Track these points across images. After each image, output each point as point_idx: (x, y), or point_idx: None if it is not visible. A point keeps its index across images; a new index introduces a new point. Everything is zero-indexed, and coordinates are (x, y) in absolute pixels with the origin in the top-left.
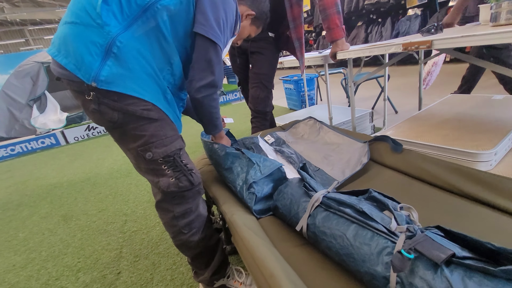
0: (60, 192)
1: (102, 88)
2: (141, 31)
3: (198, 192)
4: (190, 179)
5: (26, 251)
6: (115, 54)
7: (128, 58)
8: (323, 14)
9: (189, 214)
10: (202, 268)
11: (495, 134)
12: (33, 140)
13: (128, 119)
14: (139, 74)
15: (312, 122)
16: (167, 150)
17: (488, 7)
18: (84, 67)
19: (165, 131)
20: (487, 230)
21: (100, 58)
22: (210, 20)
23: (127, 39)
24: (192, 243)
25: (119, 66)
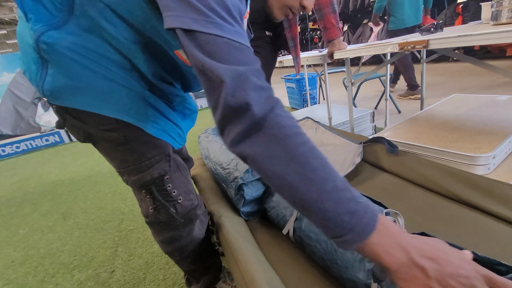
0: (61, 190)
1: (54, 104)
2: (81, 27)
3: (189, 220)
4: (171, 211)
5: (25, 247)
6: (47, 60)
7: (68, 64)
8: (319, 13)
9: (179, 240)
10: (195, 277)
11: (495, 137)
12: (38, 137)
13: (95, 140)
14: (91, 82)
15: (309, 122)
16: (141, 179)
17: (489, 5)
18: (32, 77)
19: (139, 154)
20: (481, 236)
21: (39, 66)
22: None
23: (58, 38)
24: (185, 263)
25: (62, 75)
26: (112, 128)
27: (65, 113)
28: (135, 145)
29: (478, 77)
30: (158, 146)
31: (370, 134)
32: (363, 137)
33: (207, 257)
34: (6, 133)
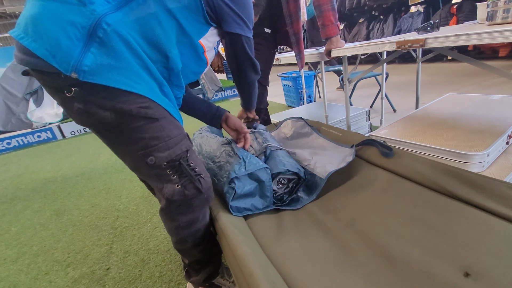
0: (54, 187)
1: (85, 80)
2: (134, 15)
3: (206, 200)
4: (198, 186)
5: (17, 245)
6: (101, 38)
7: (117, 45)
8: (318, 10)
9: (195, 224)
10: (196, 270)
11: (489, 135)
12: (30, 134)
13: (123, 119)
14: (130, 64)
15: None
16: (171, 154)
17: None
18: (61, 53)
19: (168, 131)
20: (476, 231)
21: (81, 43)
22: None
23: (116, 22)
24: (194, 251)
25: (106, 54)
26: (148, 106)
27: (89, 94)
28: (164, 123)
29: (471, 77)
30: (178, 126)
31: (366, 132)
32: (360, 135)
33: (213, 246)
34: None
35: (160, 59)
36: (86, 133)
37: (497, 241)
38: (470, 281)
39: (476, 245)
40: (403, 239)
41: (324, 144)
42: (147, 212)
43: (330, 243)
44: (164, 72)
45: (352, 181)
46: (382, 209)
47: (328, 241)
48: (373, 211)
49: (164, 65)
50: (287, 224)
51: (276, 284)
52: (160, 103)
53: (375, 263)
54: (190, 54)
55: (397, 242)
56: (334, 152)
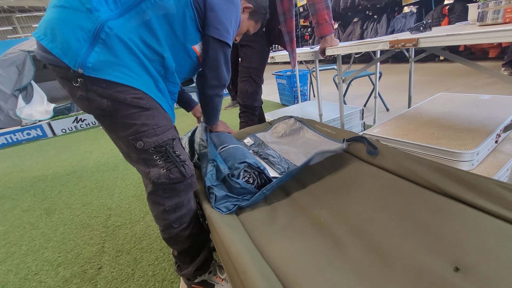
0: (44, 185)
1: (89, 75)
2: (133, 22)
3: (190, 186)
4: (182, 170)
5: (6, 244)
6: (103, 40)
7: (117, 45)
8: (312, 8)
9: (180, 208)
10: (186, 262)
11: (479, 134)
12: (19, 131)
13: (118, 107)
14: (128, 61)
15: (292, 121)
16: (158, 140)
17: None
18: (71, 52)
19: (157, 121)
20: (466, 228)
21: (87, 43)
22: (223, 22)
23: (117, 27)
24: (182, 237)
25: (107, 53)
26: (140, 97)
27: (91, 84)
28: (155, 113)
29: (462, 77)
30: (167, 118)
31: (360, 131)
32: (353, 133)
33: (201, 233)
34: None
35: (157, 58)
36: (78, 130)
37: (486, 237)
38: (460, 276)
39: (466, 241)
40: (395, 235)
41: (316, 139)
42: (140, 211)
43: (323, 239)
44: (161, 70)
45: (346, 178)
46: (375, 206)
47: (321, 237)
48: (366, 208)
49: (161, 64)
50: (281, 220)
51: (270, 280)
52: (152, 96)
53: (367, 259)
54: (184, 57)
55: (389, 238)
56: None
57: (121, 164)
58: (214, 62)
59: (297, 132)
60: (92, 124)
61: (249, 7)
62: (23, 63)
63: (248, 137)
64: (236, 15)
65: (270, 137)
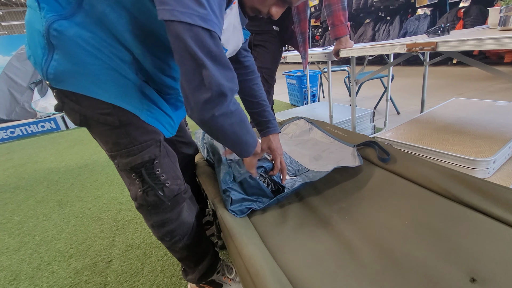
0: (57, 177)
1: (56, 87)
2: (90, 19)
3: (176, 203)
4: (159, 194)
5: (20, 234)
6: (56, 45)
7: (74, 50)
8: (328, 9)
9: (168, 224)
10: (191, 267)
11: (496, 141)
12: (33, 123)
13: (90, 123)
14: (93, 69)
15: (302, 122)
16: (132, 162)
17: (498, 10)
18: (37, 61)
19: (131, 138)
20: (482, 237)
21: (46, 51)
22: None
23: (67, 27)
24: (177, 248)
25: (66, 60)
26: (108, 112)
27: (64, 96)
28: (129, 129)
29: (476, 82)
30: (150, 132)
31: (370, 134)
32: (366, 137)
33: (199, 244)
34: (1, 117)
35: (130, 58)
36: None
37: (504, 247)
38: (476, 287)
39: (482, 251)
40: (409, 241)
41: (326, 141)
42: None
43: (335, 243)
44: (139, 71)
45: (358, 182)
46: (387, 211)
47: (333, 241)
48: (378, 213)
49: (135, 63)
50: (291, 223)
51: (283, 283)
52: (127, 108)
53: (380, 265)
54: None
55: (403, 245)
56: (339, 155)
57: None
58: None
59: (307, 134)
60: None
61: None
62: None
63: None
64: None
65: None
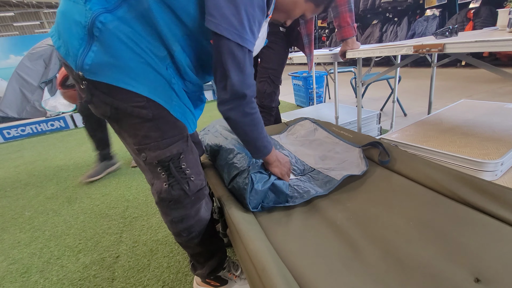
0: (66, 174)
1: (89, 78)
2: (132, 14)
3: (197, 198)
4: (185, 188)
5: (31, 229)
6: (98, 37)
7: (114, 44)
8: (335, 11)
9: (187, 220)
10: (200, 262)
11: (504, 144)
12: (43, 122)
13: (121, 116)
14: (130, 62)
15: (307, 123)
16: (161, 155)
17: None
18: (71, 52)
19: (162, 132)
20: (488, 238)
21: (84, 42)
22: (221, 7)
23: (111, 20)
24: (192, 244)
25: (105, 53)
26: (143, 105)
27: (95, 89)
28: (160, 123)
29: (485, 84)
30: (178, 127)
31: (376, 135)
32: (371, 138)
33: (212, 240)
34: (12, 115)
35: (165, 54)
36: None
37: (509, 248)
38: (480, 287)
39: (488, 252)
40: (414, 242)
41: (332, 142)
42: None
43: (339, 242)
44: (173, 68)
45: (363, 182)
46: (393, 211)
47: (337, 240)
48: (383, 212)
49: (171, 61)
50: (296, 221)
51: (288, 279)
52: (160, 102)
53: (384, 264)
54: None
55: (407, 245)
56: (345, 155)
57: None
58: (219, 67)
59: (312, 134)
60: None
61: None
62: (50, 57)
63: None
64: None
65: (286, 139)
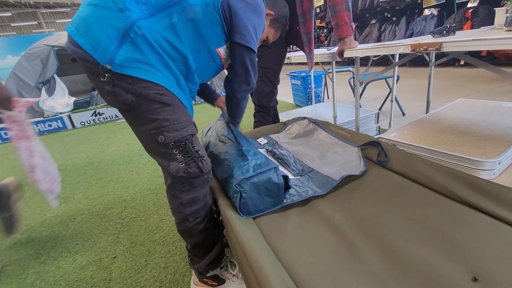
0: (64, 175)
1: (116, 71)
2: (160, 24)
3: (206, 181)
4: (200, 165)
5: (27, 230)
6: (132, 38)
7: (143, 44)
8: (332, 10)
9: (196, 203)
10: (199, 256)
11: (501, 143)
12: (41, 122)
13: (142, 102)
14: (152, 60)
15: (305, 122)
16: (178, 135)
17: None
18: (101, 49)
19: (178, 116)
20: (485, 237)
21: (116, 41)
22: (248, 28)
23: (146, 27)
24: (196, 231)
25: (134, 51)
26: (163, 93)
27: (118, 80)
28: (176, 109)
29: (484, 83)
30: (188, 115)
31: (375, 135)
32: (369, 137)
33: (214, 228)
34: None
35: (180, 58)
36: (95, 124)
37: (506, 247)
38: (478, 286)
39: (485, 251)
40: (411, 241)
41: (330, 141)
42: (154, 204)
43: (337, 242)
44: (183, 70)
45: (361, 182)
46: (390, 211)
47: (335, 240)
48: (381, 212)
49: (183, 64)
50: (293, 221)
51: (284, 279)
52: (174, 93)
53: (382, 263)
54: (208, 59)
55: (405, 244)
56: (344, 155)
57: (137, 158)
58: (243, 68)
59: (310, 134)
60: (110, 118)
61: (271, 14)
62: (47, 57)
63: (262, 137)
64: (261, 21)
65: (284, 138)
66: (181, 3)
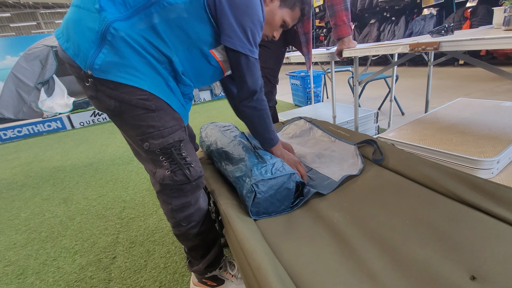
0: (63, 176)
1: (97, 76)
2: (141, 25)
3: (197, 186)
4: (186, 173)
5: (27, 230)
6: (109, 41)
7: (123, 47)
8: (331, 10)
9: (187, 208)
10: (197, 258)
11: (500, 142)
12: (40, 123)
13: (125, 108)
14: (135, 62)
15: (302, 122)
16: (164, 142)
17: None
18: (81, 53)
19: (164, 122)
20: (484, 236)
21: (95, 45)
22: (235, 29)
23: (123, 28)
24: (191, 235)
25: (114, 55)
26: (146, 98)
27: (100, 85)
28: (161, 114)
29: (483, 83)
30: (177, 118)
31: (374, 134)
32: (368, 137)
33: (210, 231)
34: (8, 116)
35: (165, 60)
36: (95, 124)
37: (504, 246)
38: (476, 285)
39: (484, 250)
40: (410, 240)
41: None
42: (153, 205)
43: (336, 241)
44: (171, 72)
45: (359, 181)
46: (389, 210)
47: (334, 239)
48: (380, 211)
49: (170, 66)
50: (293, 221)
51: (283, 278)
52: (160, 97)
53: (380, 262)
54: (201, 61)
55: (404, 243)
56: (341, 153)
57: (135, 159)
58: (237, 73)
59: (307, 133)
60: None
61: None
62: (46, 57)
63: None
64: (255, 17)
65: (281, 138)
66: (160, 2)
